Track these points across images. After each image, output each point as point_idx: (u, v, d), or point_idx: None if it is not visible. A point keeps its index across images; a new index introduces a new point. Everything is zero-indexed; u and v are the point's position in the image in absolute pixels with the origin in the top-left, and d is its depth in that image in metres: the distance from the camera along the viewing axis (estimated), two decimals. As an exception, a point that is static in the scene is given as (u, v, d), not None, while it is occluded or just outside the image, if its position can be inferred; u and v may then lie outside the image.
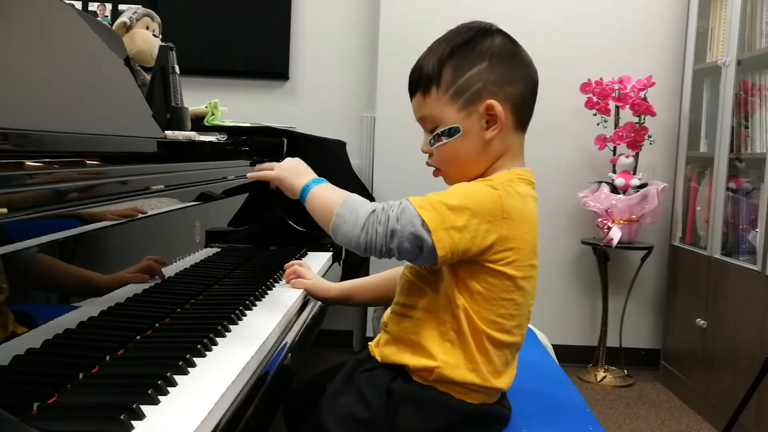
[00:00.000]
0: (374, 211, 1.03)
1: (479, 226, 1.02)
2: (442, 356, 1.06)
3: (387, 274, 1.37)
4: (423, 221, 1.00)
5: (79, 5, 3.26)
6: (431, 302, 1.08)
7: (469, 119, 1.09)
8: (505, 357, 1.10)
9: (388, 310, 1.18)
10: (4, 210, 0.71)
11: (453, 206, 1.02)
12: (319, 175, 1.20)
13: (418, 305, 1.10)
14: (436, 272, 1.08)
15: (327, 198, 1.12)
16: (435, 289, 1.08)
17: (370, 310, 3.12)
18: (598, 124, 3.09)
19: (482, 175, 1.12)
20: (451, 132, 1.10)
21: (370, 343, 1.19)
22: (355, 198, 1.08)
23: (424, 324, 1.08)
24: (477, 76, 1.08)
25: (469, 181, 1.14)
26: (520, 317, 1.10)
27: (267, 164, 1.26)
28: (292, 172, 1.21)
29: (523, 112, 1.12)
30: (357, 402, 1.09)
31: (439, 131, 1.11)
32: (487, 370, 1.07)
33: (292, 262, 1.45)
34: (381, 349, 1.14)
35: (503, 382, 1.10)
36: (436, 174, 1.16)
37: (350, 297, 1.42)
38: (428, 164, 1.16)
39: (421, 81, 1.12)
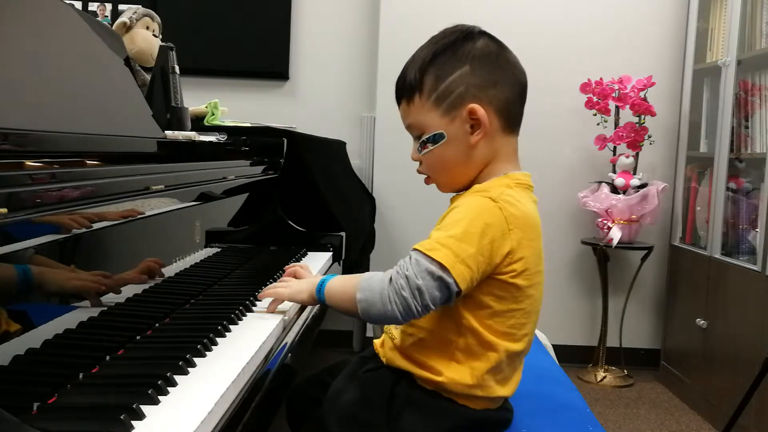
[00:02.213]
0: (391, 280, 1.02)
1: (490, 245, 1.01)
2: (447, 373, 1.06)
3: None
4: (439, 263, 0.99)
5: (79, 5, 3.26)
6: (434, 322, 1.07)
7: (453, 124, 1.08)
8: (514, 365, 1.10)
9: None
10: (4, 210, 0.71)
11: (459, 236, 1.00)
12: (319, 175, 1.19)
13: (420, 324, 1.09)
14: None
15: (341, 289, 1.10)
16: (438, 311, 1.06)
17: (370, 310, 3.11)
18: (598, 124, 3.09)
19: (474, 181, 1.11)
20: (436, 138, 1.09)
21: (375, 340, 1.19)
22: (366, 277, 1.06)
23: (428, 344, 1.08)
24: (458, 81, 1.07)
25: (460, 188, 1.13)
26: (530, 324, 1.09)
27: (279, 285, 1.24)
28: (302, 283, 1.20)
29: (510, 115, 1.10)
30: (359, 403, 1.09)
31: (424, 138, 1.10)
32: (494, 381, 1.07)
33: (291, 264, 1.45)
34: (386, 352, 1.13)
35: (508, 389, 1.10)
36: (427, 182, 1.15)
37: None
38: (419, 172, 1.15)
39: (404, 88, 1.11)
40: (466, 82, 1.07)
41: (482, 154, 1.09)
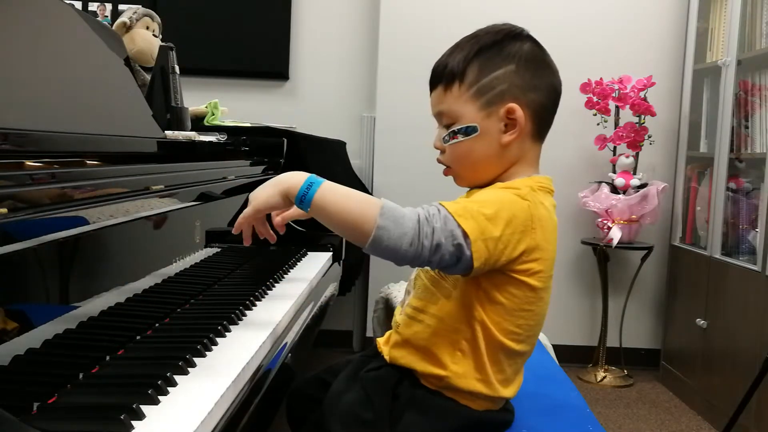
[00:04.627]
0: (419, 222, 0.96)
1: (512, 236, 1.00)
2: (451, 366, 1.05)
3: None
4: (464, 231, 0.97)
5: (79, 5, 3.26)
6: (444, 310, 1.07)
7: (488, 120, 1.07)
8: (516, 366, 1.10)
9: (399, 309, 1.17)
10: (4, 210, 0.71)
11: (489, 215, 0.99)
12: (318, 175, 1.16)
13: (430, 311, 1.08)
14: (453, 281, 1.06)
15: (352, 202, 0.99)
16: (448, 297, 1.06)
17: (370, 310, 3.11)
18: (598, 124, 3.09)
19: (495, 180, 1.11)
20: (468, 131, 1.08)
21: (378, 339, 1.18)
22: (391, 205, 0.97)
23: (435, 331, 1.07)
24: (502, 78, 1.07)
25: (480, 183, 1.13)
26: (537, 327, 1.09)
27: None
28: (268, 184, 1.08)
29: (542, 121, 1.10)
30: (361, 402, 1.08)
31: (455, 128, 1.08)
32: (497, 380, 1.07)
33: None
34: (390, 349, 1.13)
35: (510, 391, 1.10)
36: (446, 173, 1.14)
37: None
38: (439, 161, 1.14)
39: (444, 75, 1.09)
40: (509, 80, 1.07)
41: (510, 154, 1.09)
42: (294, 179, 1.03)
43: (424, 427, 1.06)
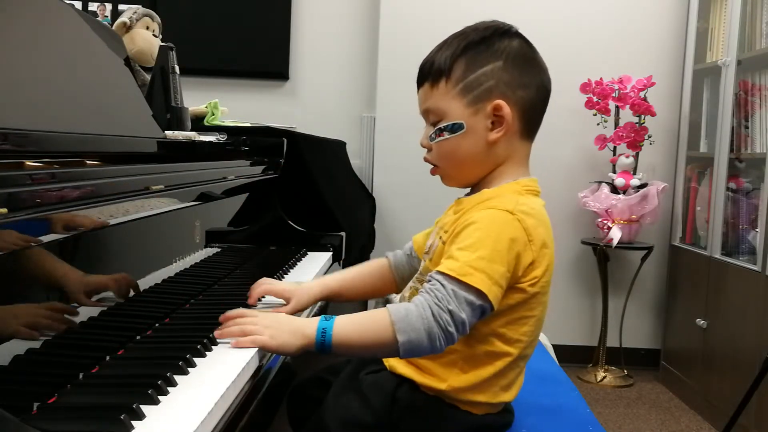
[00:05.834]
0: (434, 316, 0.95)
1: (515, 259, 1.00)
2: (451, 381, 1.05)
3: (371, 267, 1.30)
4: (477, 290, 0.96)
5: (79, 5, 3.26)
6: None
7: (475, 117, 1.06)
8: (519, 370, 1.09)
9: None
10: (4, 210, 0.71)
11: (489, 256, 0.98)
12: (319, 175, 1.16)
13: None
14: None
15: (365, 331, 0.99)
16: None
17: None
18: (598, 124, 3.09)
19: (483, 180, 1.10)
20: (455, 128, 1.06)
21: None
22: (401, 315, 0.96)
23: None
24: (490, 74, 1.06)
25: (467, 183, 1.12)
26: (538, 330, 1.09)
27: (244, 323, 1.01)
28: (285, 329, 1.00)
29: (531, 119, 1.09)
30: (361, 405, 1.08)
31: (441, 125, 1.08)
32: (499, 386, 1.06)
33: (259, 283, 1.26)
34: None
35: (511, 394, 1.09)
36: (433, 172, 1.13)
37: (339, 294, 1.30)
38: (426, 160, 1.13)
39: (431, 72, 1.09)
40: (497, 77, 1.06)
41: (498, 153, 1.08)
42: (307, 330, 0.99)
43: (425, 431, 1.06)
